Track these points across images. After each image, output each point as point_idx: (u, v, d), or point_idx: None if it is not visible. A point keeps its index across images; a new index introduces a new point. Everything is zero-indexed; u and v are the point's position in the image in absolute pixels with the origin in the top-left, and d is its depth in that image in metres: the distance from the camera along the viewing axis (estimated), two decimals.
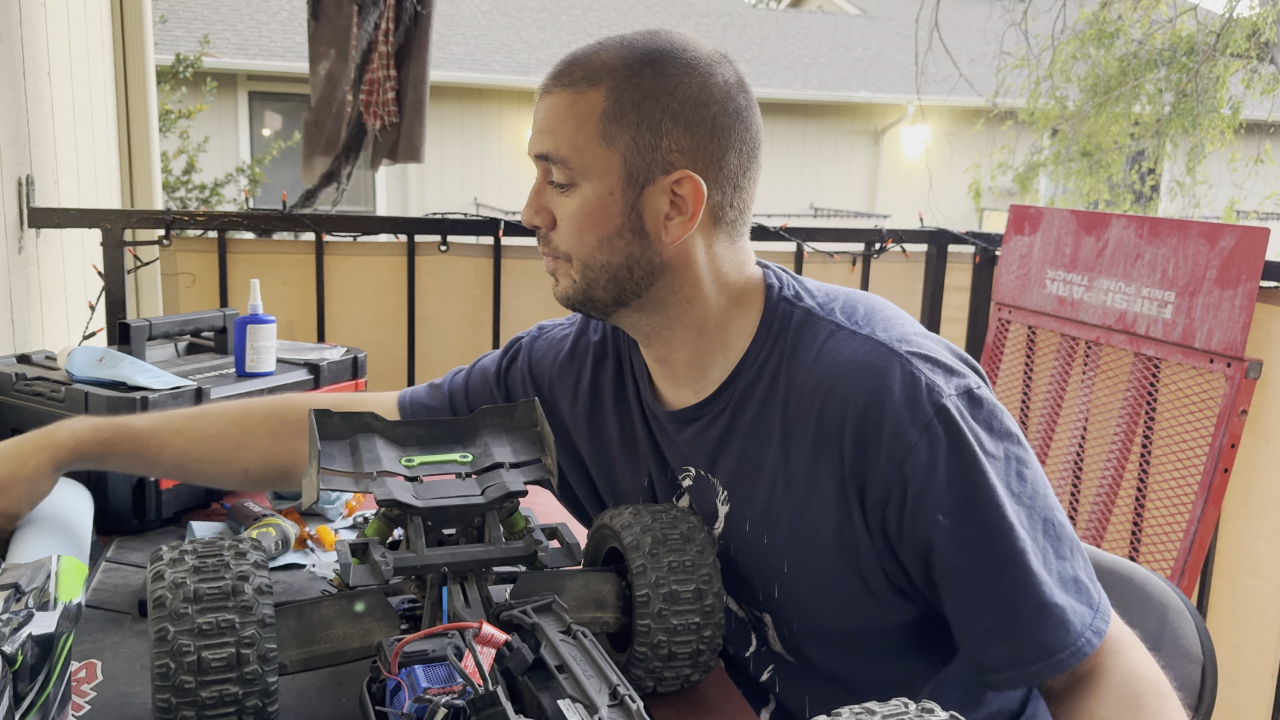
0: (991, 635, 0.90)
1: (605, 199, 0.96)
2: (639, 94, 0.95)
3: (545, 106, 0.98)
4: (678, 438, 1.06)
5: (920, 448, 0.90)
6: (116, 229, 1.95)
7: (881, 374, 0.92)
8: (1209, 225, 1.88)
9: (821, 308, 1.00)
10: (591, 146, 0.95)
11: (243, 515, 1.30)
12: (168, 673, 0.76)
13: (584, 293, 1.00)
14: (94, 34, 2.77)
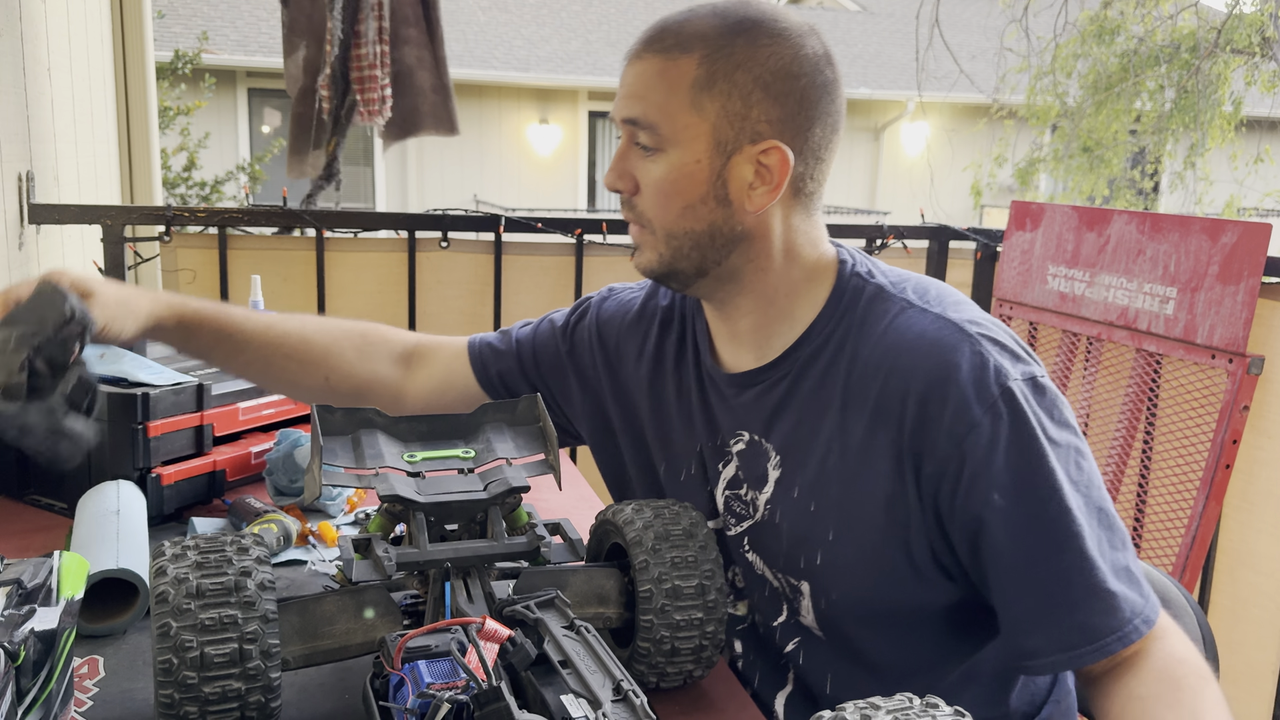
0: (1037, 618, 0.90)
1: (692, 166, 0.97)
2: (731, 63, 0.96)
3: (635, 71, 0.99)
4: (735, 401, 1.06)
5: (983, 426, 0.91)
6: (117, 225, 1.94)
7: (950, 351, 0.93)
8: (1211, 221, 1.88)
9: (893, 286, 1.01)
10: (682, 113, 0.96)
11: (244, 511, 1.30)
12: (170, 668, 0.75)
13: (668, 264, 1.01)
14: (94, 30, 2.76)
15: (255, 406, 1.45)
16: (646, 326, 1.17)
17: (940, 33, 7.45)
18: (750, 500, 1.06)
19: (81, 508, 1.20)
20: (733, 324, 1.06)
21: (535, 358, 1.24)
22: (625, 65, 1.01)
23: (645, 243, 1.01)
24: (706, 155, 0.97)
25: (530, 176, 12.11)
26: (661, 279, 1.03)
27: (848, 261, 1.04)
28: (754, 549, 1.06)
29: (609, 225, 2.17)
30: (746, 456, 1.06)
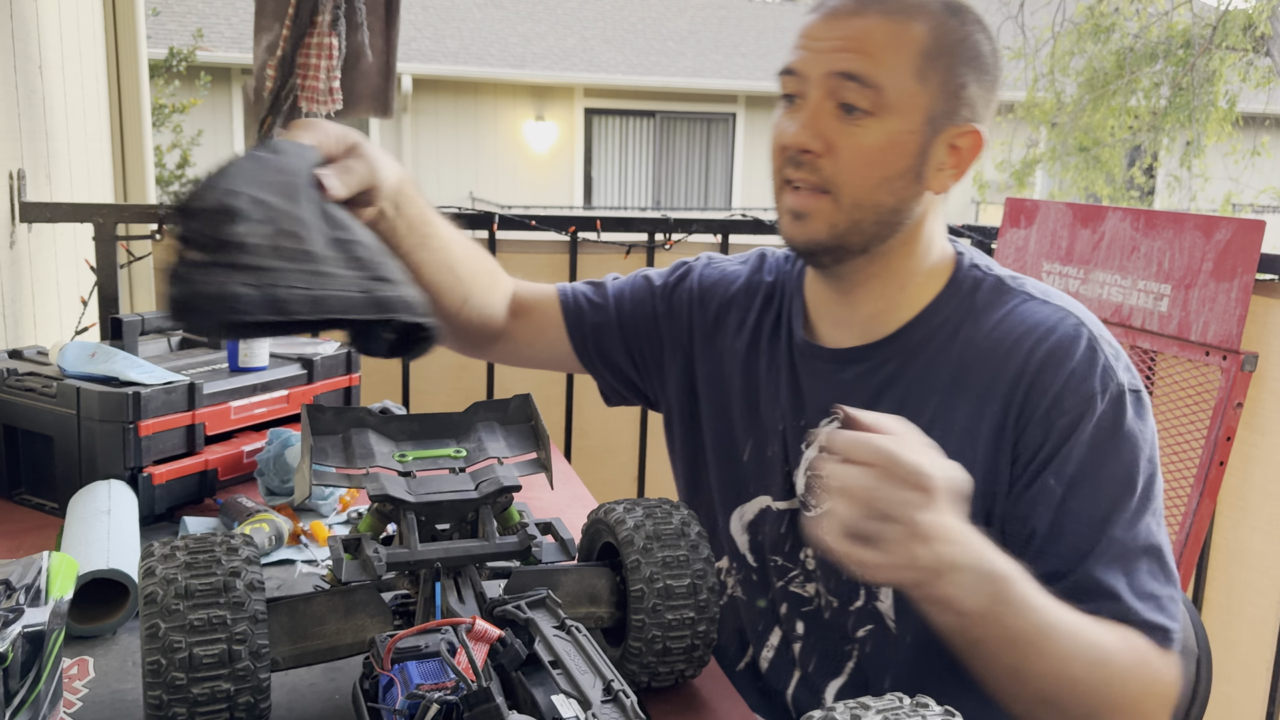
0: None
1: (904, 136, 0.95)
2: (954, 39, 0.95)
3: (856, 26, 0.94)
4: (834, 378, 1.05)
5: (1073, 414, 0.93)
6: (109, 223, 1.94)
7: (1068, 341, 0.95)
8: (1205, 218, 1.88)
9: (1012, 279, 1.03)
10: (907, 79, 0.94)
11: (236, 511, 1.29)
12: (159, 669, 0.75)
13: (840, 237, 0.97)
14: (86, 27, 2.75)
15: (247, 406, 1.44)
16: (750, 300, 1.16)
17: None
18: None
19: (72, 507, 1.20)
20: (852, 304, 1.04)
21: (632, 315, 1.21)
22: (825, 20, 0.96)
23: (819, 211, 0.97)
24: (919, 127, 0.95)
25: (526, 174, 12.09)
26: (821, 251, 0.99)
27: (964, 254, 1.05)
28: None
29: (603, 223, 2.17)
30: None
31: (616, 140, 12.69)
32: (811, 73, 0.95)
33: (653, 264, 2.21)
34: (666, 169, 12.90)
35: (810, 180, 0.96)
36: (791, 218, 0.99)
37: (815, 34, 0.96)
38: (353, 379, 1.62)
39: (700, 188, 13.08)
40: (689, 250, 2.22)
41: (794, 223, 0.99)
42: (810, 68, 0.96)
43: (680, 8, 14.08)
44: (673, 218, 2.19)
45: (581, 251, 2.19)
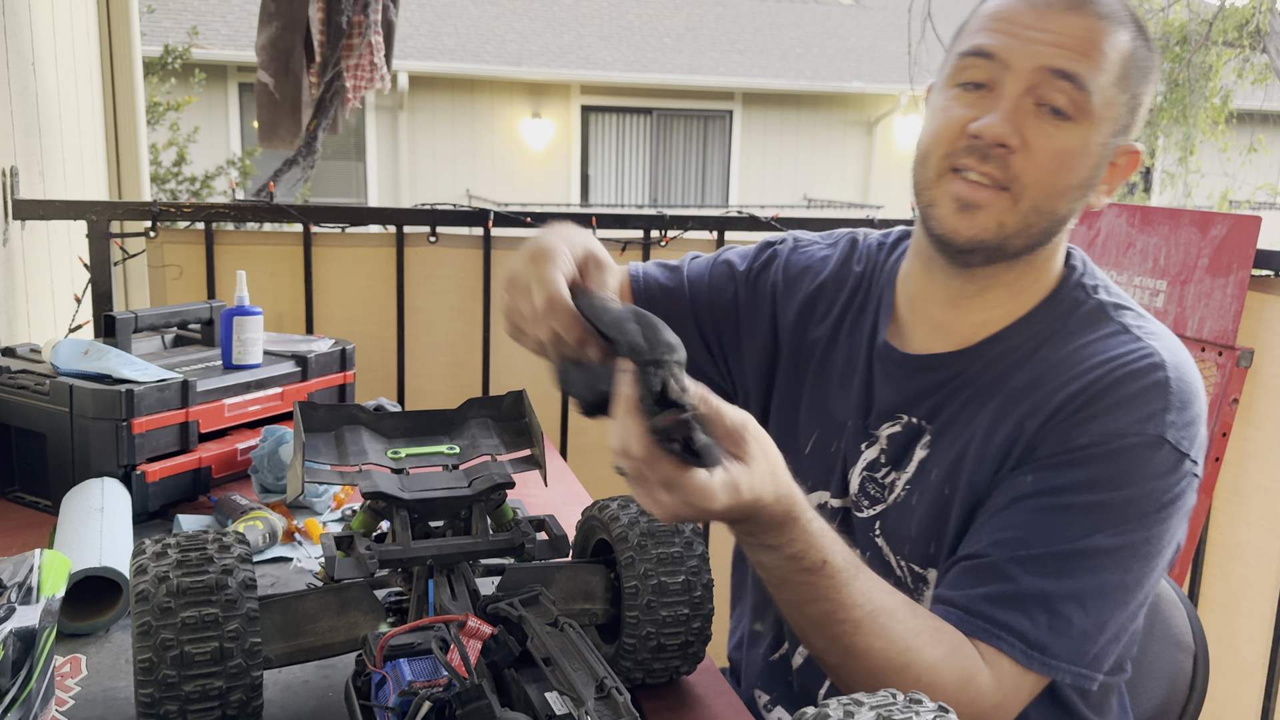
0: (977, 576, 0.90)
1: (1094, 146, 0.91)
2: (1143, 52, 0.92)
3: (1073, 23, 0.89)
4: (906, 383, 1.02)
5: (1091, 439, 0.89)
6: (102, 221, 1.93)
7: (1134, 377, 0.90)
8: (1200, 214, 1.88)
9: (1115, 309, 0.97)
10: (1111, 87, 0.90)
11: (230, 508, 1.29)
12: (151, 667, 0.75)
13: (1005, 237, 0.92)
14: (80, 24, 2.74)
15: (241, 403, 1.44)
16: (837, 290, 1.13)
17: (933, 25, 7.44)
18: (888, 483, 1.03)
19: (65, 505, 1.20)
20: (961, 311, 1.00)
21: (710, 301, 1.18)
22: (1035, 8, 0.90)
23: (995, 206, 0.91)
24: (1107, 139, 0.92)
25: (523, 171, 12.08)
26: (979, 249, 0.94)
27: (1077, 269, 1.00)
28: (884, 534, 1.03)
29: (598, 219, 2.16)
30: (897, 439, 1.02)
31: (613, 137, 12.68)
32: (1018, 63, 0.90)
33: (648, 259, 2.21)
34: (663, 166, 12.89)
35: (994, 176, 0.91)
36: (958, 207, 0.92)
37: (1024, 22, 0.90)
38: (347, 376, 1.61)
39: (697, 185, 13.06)
40: (685, 247, 2.22)
41: (960, 214, 0.92)
42: (1018, 58, 0.90)
43: (677, 5, 14.06)
44: (668, 214, 2.18)
45: None
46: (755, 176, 12.93)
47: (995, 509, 0.92)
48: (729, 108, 12.82)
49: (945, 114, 0.93)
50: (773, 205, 11.91)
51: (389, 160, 11.59)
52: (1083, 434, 0.89)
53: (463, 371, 2.20)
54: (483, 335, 2.17)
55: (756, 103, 12.81)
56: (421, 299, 2.15)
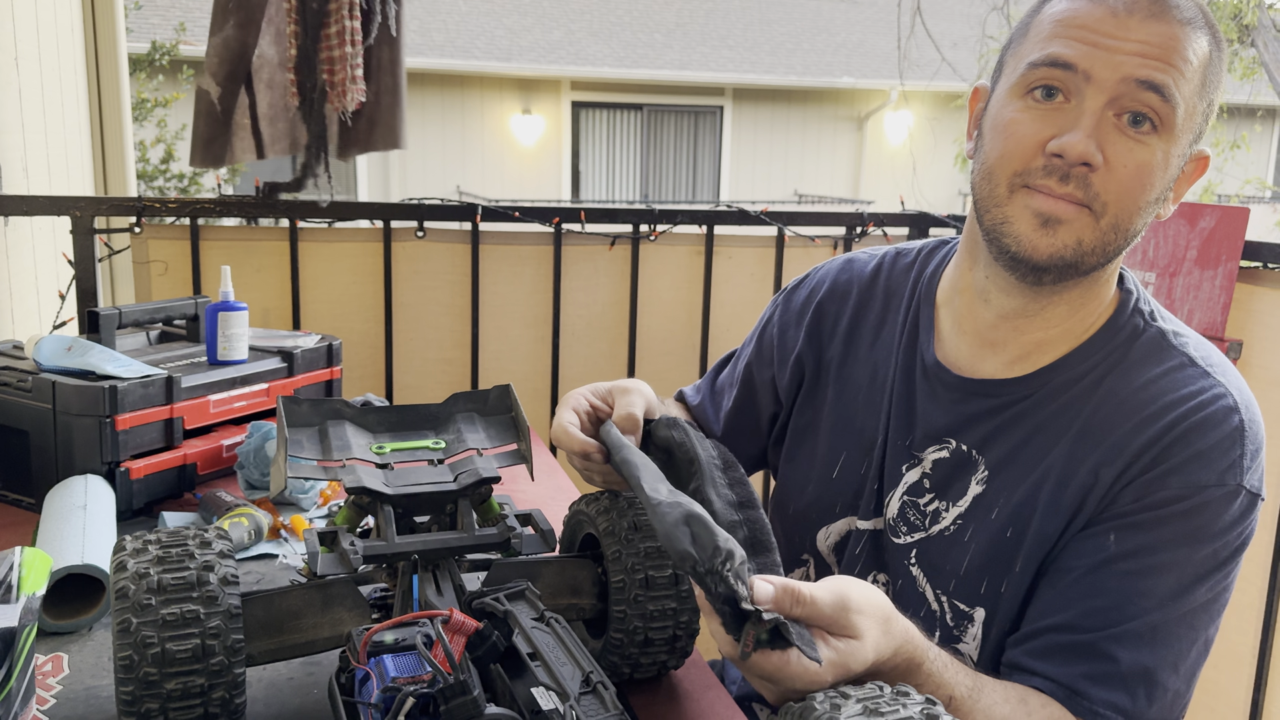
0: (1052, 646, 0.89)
1: (1174, 159, 0.87)
2: (1220, 54, 0.88)
3: (1159, 32, 0.84)
4: (956, 407, 0.98)
5: (1172, 492, 0.87)
6: (86, 216, 1.91)
7: (1214, 424, 0.88)
8: (1188, 206, 1.88)
9: (1174, 336, 0.94)
10: (1193, 99, 0.86)
11: (215, 505, 1.28)
12: (131, 665, 0.74)
13: (1082, 254, 0.88)
14: (64, 21, 2.72)
15: (226, 399, 1.43)
16: (840, 303, 1.10)
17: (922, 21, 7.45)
18: (932, 511, 0.98)
19: (48, 503, 1.19)
20: (1019, 331, 0.96)
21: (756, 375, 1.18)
22: (1115, 15, 0.85)
23: (1076, 222, 0.87)
24: (1185, 150, 0.88)
25: (513, 167, 12.06)
26: (1056, 267, 0.89)
27: (1132, 293, 0.97)
28: (920, 563, 0.99)
29: (587, 214, 2.16)
30: (944, 465, 0.98)
31: (604, 133, 12.66)
32: (1101, 74, 0.84)
33: (638, 255, 2.20)
34: (654, 162, 12.87)
35: (1075, 196, 0.86)
36: (1039, 222, 0.88)
37: (1105, 30, 0.85)
38: (334, 372, 1.60)
39: (688, 180, 13.06)
40: (675, 242, 2.21)
41: (1041, 230, 0.88)
42: (1100, 68, 0.84)
43: (667, 1, 14.04)
44: (657, 209, 2.18)
45: (566, 243, 2.18)
46: (746, 172, 12.92)
47: (1080, 571, 0.89)
48: (719, 103, 12.81)
49: (1018, 129, 0.88)
50: (764, 200, 11.91)
51: (379, 157, 11.54)
52: (1163, 487, 0.87)
53: (452, 367, 2.19)
54: (471, 330, 2.16)
55: (747, 98, 12.80)
56: (410, 294, 2.14)
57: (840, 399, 1.07)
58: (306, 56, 1.87)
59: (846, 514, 1.06)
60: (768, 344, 1.17)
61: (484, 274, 2.16)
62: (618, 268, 2.21)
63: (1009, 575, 0.94)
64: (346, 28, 1.83)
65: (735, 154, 12.93)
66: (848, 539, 1.07)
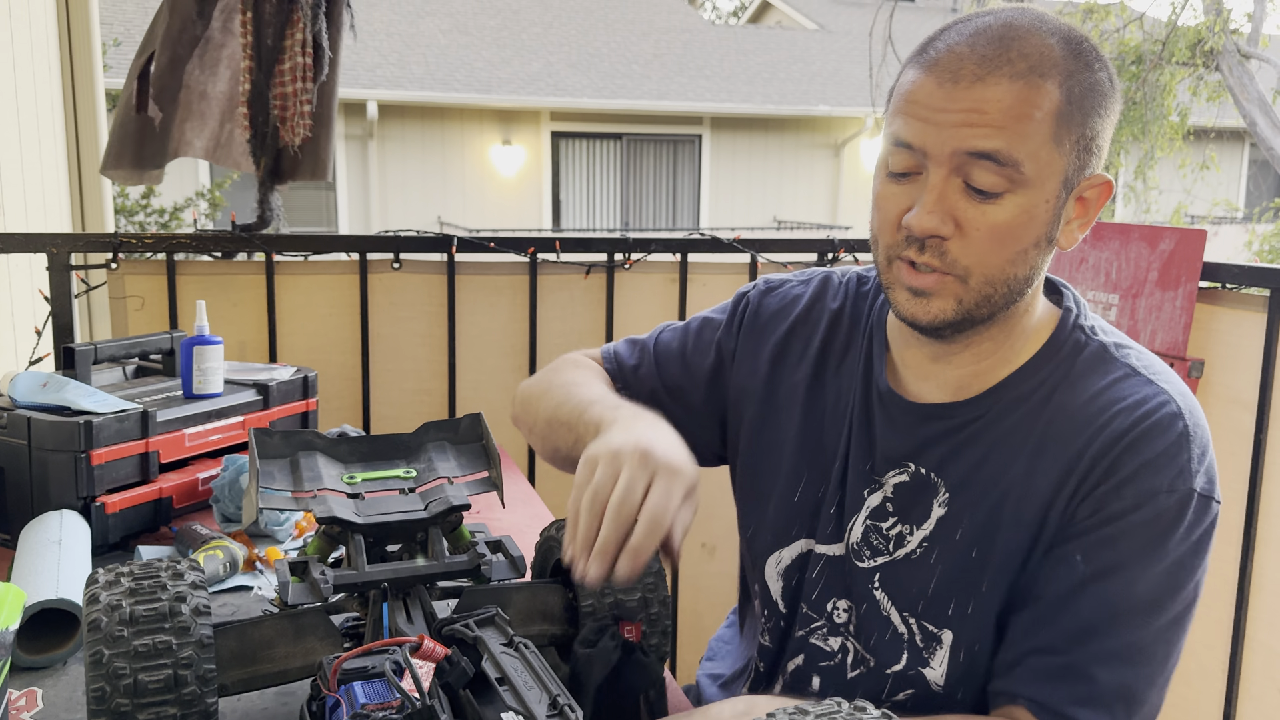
0: (1034, 668, 0.90)
1: (1041, 208, 0.87)
2: (1083, 88, 0.87)
3: (983, 96, 0.85)
4: (913, 432, 0.99)
5: (1127, 502, 0.88)
6: (63, 253, 1.92)
7: (1160, 429, 0.89)
8: (1149, 229, 1.92)
9: (1117, 349, 0.96)
10: (1045, 150, 0.86)
11: (191, 538, 1.29)
12: (104, 696, 0.75)
13: (967, 313, 0.91)
14: (40, 58, 2.74)
15: (202, 433, 1.44)
16: (812, 328, 1.11)
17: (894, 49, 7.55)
18: (895, 535, 1.00)
19: (23, 538, 1.19)
20: (950, 365, 0.98)
21: (684, 371, 1.17)
22: (943, 86, 0.86)
23: (944, 290, 0.90)
24: (1055, 194, 0.88)
25: (494, 198, 12.11)
26: (947, 328, 0.92)
27: (1072, 310, 0.99)
28: (885, 587, 1.00)
29: (562, 243, 2.18)
30: (905, 489, 1.00)
31: (584, 163, 12.75)
32: (935, 150, 0.86)
33: (613, 283, 2.23)
34: (634, 191, 12.96)
35: (935, 265, 0.89)
36: (911, 295, 0.91)
37: (935, 104, 0.86)
38: (309, 404, 1.61)
39: (668, 209, 13.14)
40: (650, 270, 2.24)
41: (914, 300, 0.91)
42: (933, 145, 0.86)
43: (644, 31, 14.19)
44: (632, 237, 2.21)
45: (542, 272, 2.20)
46: (725, 200, 13.03)
47: (1054, 595, 0.91)
48: (698, 132, 12.93)
49: (883, 204, 0.92)
50: (743, 227, 11.99)
51: (359, 189, 11.58)
52: (1118, 498, 0.89)
53: (429, 398, 2.20)
54: (449, 361, 2.18)
55: (725, 127, 12.92)
56: (386, 326, 2.16)
57: (807, 420, 1.08)
58: (259, 92, 1.90)
59: (802, 536, 1.07)
60: (734, 335, 1.16)
61: (460, 304, 2.18)
62: (593, 296, 2.24)
63: (975, 596, 0.95)
64: (299, 64, 1.87)
65: (714, 182, 13.03)
66: (805, 563, 1.07)
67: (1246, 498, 1.76)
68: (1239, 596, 1.79)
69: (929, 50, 0.89)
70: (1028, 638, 0.91)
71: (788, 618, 1.09)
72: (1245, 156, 13.90)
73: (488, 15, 13.73)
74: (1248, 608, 1.79)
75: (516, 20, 13.78)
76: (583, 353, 1.26)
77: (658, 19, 14.76)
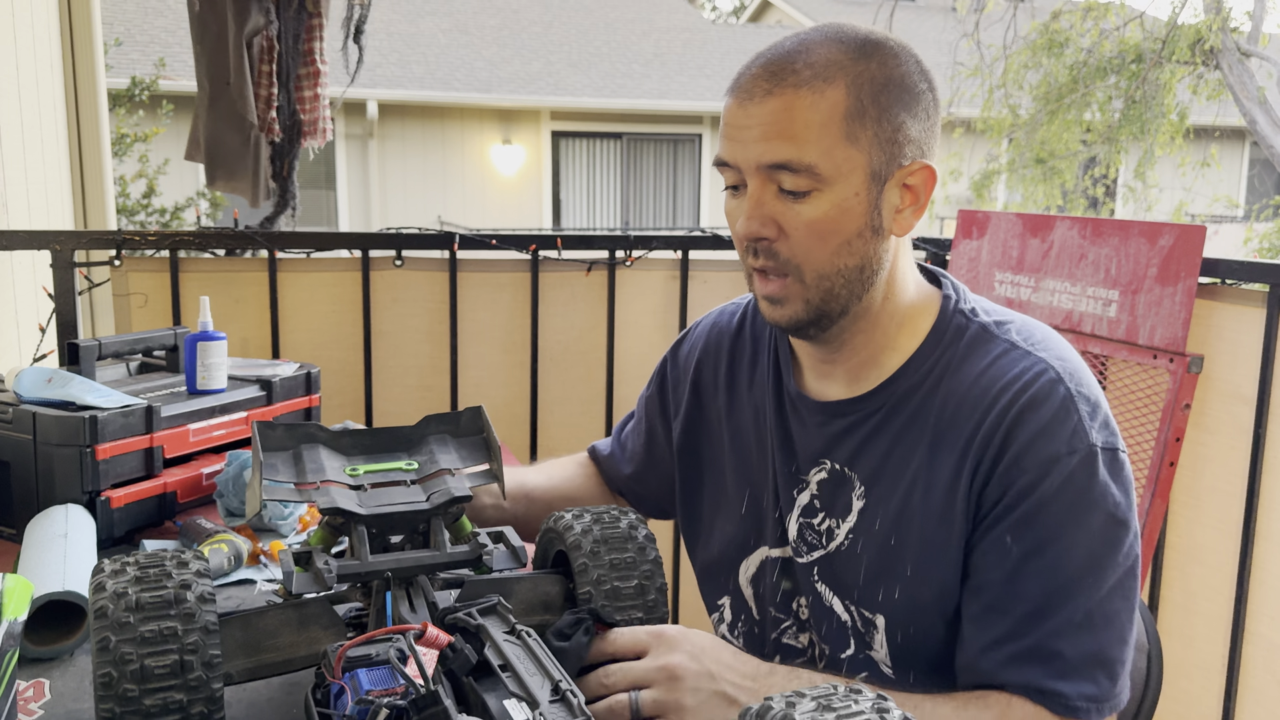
0: (996, 648, 0.92)
1: (851, 201, 0.93)
2: (876, 86, 0.92)
3: (771, 110, 0.92)
4: (822, 430, 1.05)
5: (1032, 475, 0.91)
6: (66, 250, 1.93)
7: (1041, 397, 0.92)
8: (1149, 224, 1.93)
9: (997, 326, 1.00)
10: (839, 148, 0.92)
11: (195, 532, 1.29)
12: (110, 682, 0.76)
13: (817, 309, 0.97)
14: (43, 58, 2.75)
15: (206, 428, 1.45)
16: (717, 355, 1.18)
17: None
18: (825, 530, 1.04)
19: (29, 532, 1.20)
20: (836, 361, 1.04)
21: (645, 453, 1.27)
22: (742, 105, 0.94)
23: (790, 293, 0.97)
24: (864, 187, 0.94)
25: (494, 197, 12.11)
26: (807, 326, 0.99)
27: (951, 297, 1.03)
28: (824, 579, 1.05)
29: (564, 240, 2.19)
30: (827, 485, 1.04)
31: (584, 162, 12.75)
32: (743, 163, 0.95)
33: (614, 280, 2.24)
34: (634, 190, 12.96)
35: (771, 265, 0.97)
36: (768, 304, 0.99)
37: (737, 122, 0.95)
38: (312, 400, 1.62)
39: (668, 208, 13.14)
40: (651, 267, 2.25)
41: (771, 308, 0.99)
42: (741, 159, 0.95)
43: (645, 31, 14.19)
44: (633, 235, 2.21)
45: (543, 270, 2.21)
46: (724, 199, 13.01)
47: (997, 582, 0.93)
48: (698, 131, 12.93)
49: (730, 220, 1.00)
50: None
51: (360, 188, 11.58)
52: (1022, 472, 0.91)
53: (431, 394, 2.21)
54: (450, 357, 2.19)
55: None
56: (388, 323, 2.17)
57: (735, 441, 1.14)
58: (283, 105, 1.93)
59: (760, 544, 1.12)
60: (666, 395, 1.25)
61: (462, 301, 2.19)
62: (594, 293, 2.25)
63: (901, 581, 0.98)
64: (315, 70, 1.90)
65: (715, 181, 13.02)
66: (765, 571, 1.12)
67: (1246, 492, 1.77)
68: (1239, 590, 1.79)
69: (733, 84, 0.97)
70: (985, 629, 0.93)
71: (760, 623, 1.14)
72: (1246, 155, 13.89)
73: (488, 14, 13.73)
74: (1247, 602, 1.79)
75: (517, 19, 13.78)
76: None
77: (658, 18, 14.76)
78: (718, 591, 1.18)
